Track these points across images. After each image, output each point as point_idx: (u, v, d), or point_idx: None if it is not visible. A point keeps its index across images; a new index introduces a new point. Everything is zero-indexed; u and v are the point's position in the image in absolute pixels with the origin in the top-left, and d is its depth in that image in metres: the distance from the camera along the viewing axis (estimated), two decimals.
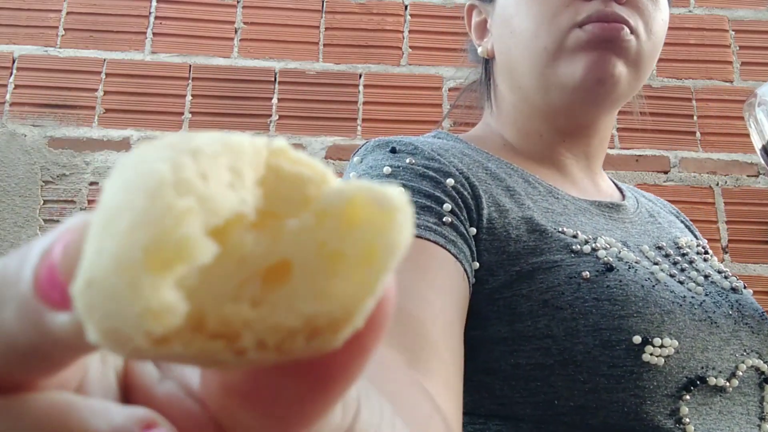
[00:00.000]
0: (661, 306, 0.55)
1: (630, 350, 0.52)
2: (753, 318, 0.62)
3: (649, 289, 0.55)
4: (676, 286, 0.59)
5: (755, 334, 0.61)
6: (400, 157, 0.58)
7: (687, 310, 0.56)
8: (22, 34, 1.66)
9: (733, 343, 0.58)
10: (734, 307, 0.61)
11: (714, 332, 0.57)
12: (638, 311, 0.53)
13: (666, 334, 0.53)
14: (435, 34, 1.73)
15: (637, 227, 0.68)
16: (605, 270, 0.55)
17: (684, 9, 1.78)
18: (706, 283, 0.63)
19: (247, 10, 1.72)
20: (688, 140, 1.68)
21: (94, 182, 1.57)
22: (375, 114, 1.65)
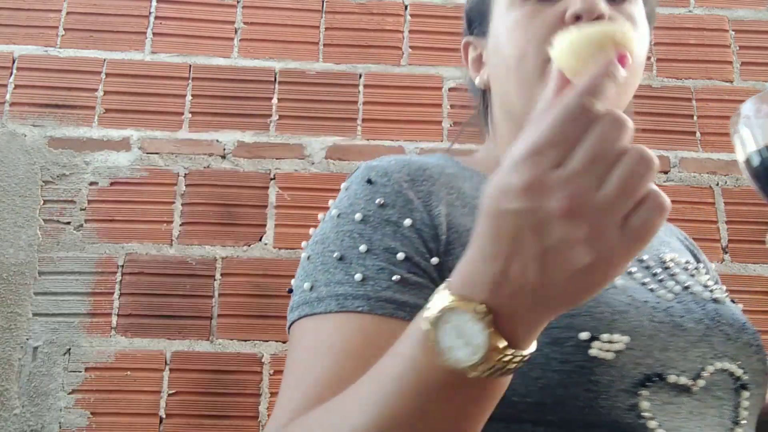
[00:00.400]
0: (613, 306, 0.58)
1: (578, 346, 0.55)
2: (731, 326, 0.65)
3: (602, 292, 0.58)
4: (639, 292, 0.62)
5: (731, 340, 0.63)
6: (372, 197, 0.64)
7: (645, 312, 0.60)
8: (22, 34, 1.66)
9: (701, 346, 0.61)
10: (709, 315, 0.64)
11: (678, 334, 0.60)
12: (587, 311, 0.56)
13: (615, 331, 0.56)
14: (435, 34, 1.73)
15: None
16: None
17: (684, 9, 1.78)
18: (683, 292, 0.66)
19: (247, 10, 1.72)
20: (688, 140, 1.68)
21: (94, 182, 1.57)
22: (375, 114, 1.65)
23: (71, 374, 1.44)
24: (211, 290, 1.51)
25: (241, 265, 1.53)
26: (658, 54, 1.74)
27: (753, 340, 0.66)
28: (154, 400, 1.43)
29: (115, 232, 1.53)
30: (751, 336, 0.66)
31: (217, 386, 1.44)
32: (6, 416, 1.41)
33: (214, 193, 1.58)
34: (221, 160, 1.60)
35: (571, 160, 0.38)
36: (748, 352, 0.64)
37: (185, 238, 1.54)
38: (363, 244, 0.60)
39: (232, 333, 1.47)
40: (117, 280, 1.50)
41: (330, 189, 1.59)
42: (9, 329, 1.46)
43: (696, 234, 1.60)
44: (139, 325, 1.48)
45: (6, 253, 1.50)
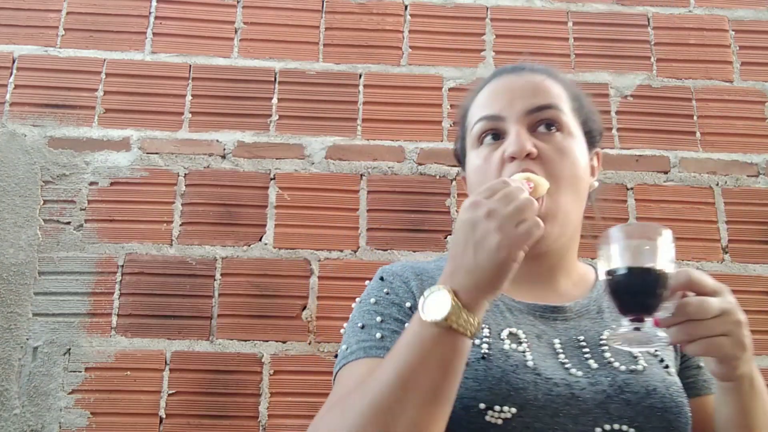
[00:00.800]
0: (512, 384, 0.78)
1: (479, 413, 0.77)
2: (635, 394, 0.80)
3: (509, 372, 0.79)
4: (550, 370, 0.81)
5: (630, 405, 0.80)
6: (382, 288, 0.91)
7: (544, 387, 0.79)
8: (22, 34, 1.66)
9: (595, 412, 0.79)
10: (615, 385, 0.81)
11: (572, 403, 0.79)
12: (489, 387, 0.78)
13: (506, 404, 0.77)
14: (435, 34, 1.73)
15: (570, 323, 0.89)
16: (480, 358, 0.81)
17: (684, 9, 1.78)
18: (598, 368, 0.83)
19: (247, 10, 1.72)
20: (688, 140, 1.68)
21: (94, 182, 1.57)
22: (375, 114, 1.65)
23: (71, 374, 1.44)
24: (211, 290, 1.51)
25: (241, 265, 1.53)
26: (658, 54, 1.74)
27: (659, 402, 0.80)
28: (154, 400, 1.43)
29: (115, 232, 1.53)
30: (657, 399, 0.80)
31: (217, 386, 1.44)
32: (6, 416, 1.41)
33: (214, 193, 1.58)
34: (221, 160, 1.60)
35: (493, 197, 0.73)
36: (648, 413, 0.79)
37: (185, 238, 1.54)
38: (378, 316, 0.87)
39: (232, 333, 1.47)
40: (117, 280, 1.50)
41: (330, 189, 1.59)
42: (9, 329, 1.46)
43: (696, 234, 1.61)
44: (139, 325, 1.48)
45: (6, 253, 1.50)
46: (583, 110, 1.00)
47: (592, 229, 1.00)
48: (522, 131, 0.90)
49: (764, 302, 1.56)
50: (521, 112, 0.91)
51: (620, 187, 1.63)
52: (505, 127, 0.92)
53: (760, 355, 1.52)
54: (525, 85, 0.94)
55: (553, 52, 1.73)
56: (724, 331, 0.72)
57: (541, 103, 0.92)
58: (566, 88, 0.98)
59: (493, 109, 0.93)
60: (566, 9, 1.77)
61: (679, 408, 0.81)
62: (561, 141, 0.91)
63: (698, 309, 0.71)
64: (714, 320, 0.72)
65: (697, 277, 0.74)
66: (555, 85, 0.96)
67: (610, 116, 1.69)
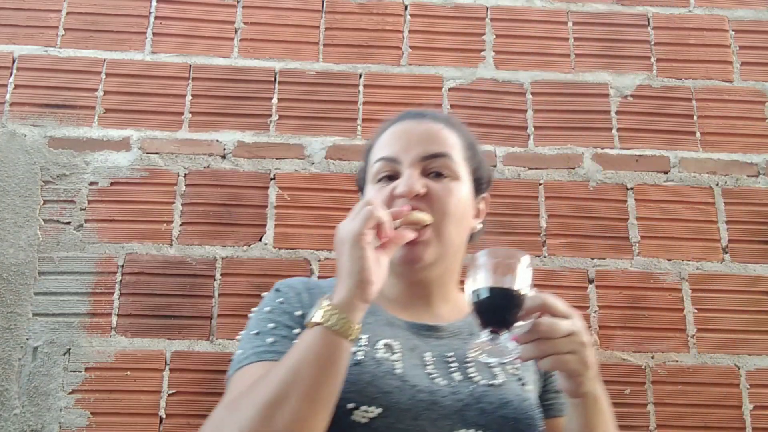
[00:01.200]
0: (380, 387, 0.88)
1: (347, 411, 0.86)
2: (491, 404, 0.92)
3: (378, 377, 0.89)
4: (416, 379, 0.91)
5: (485, 414, 0.90)
6: (277, 297, 1.01)
7: (409, 392, 0.89)
8: (22, 34, 1.66)
9: (453, 417, 0.89)
10: (473, 395, 0.92)
11: (432, 408, 0.89)
12: (358, 389, 0.87)
13: (373, 403, 0.87)
14: (435, 34, 1.73)
15: (443, 341, 1.00)
16: (354, 364, 0.89)
17: (684, 9, 1.78)
18: (461, 381, 0.94)
19: (247, 10, 1.72)
20: (688, 140, 1.68)
21: (94, 182, 1.57)
22: (375, 114, 1.65)
23: (71, 374, 1.44)
24: (211, 290, 1.51)
25: (241, 265, 1.53)
26: (658, 54, 1.74)
27: (512, 413, 0.92)
28: (154, 400, 1.43)
29: (115, 232, 1.53)
30: (510, 411, 0.92)
31: (217, 386, 1.44)
32: (6, 416, 1.41)
33: (214, 193, 1.58)
34: (221, 160, 1.60)
35: (357, 214, 0.86)
36: (501, 423, 0.90)
37: (185, 238, 1.54)
38: (271, 323, 0.95)
39: (232, 333, 1.47)
40: (117, 280, 1.50)
41: (330, 189, 1.59)
42: (9, 329, 1.46)
43: (696, 234, 1.61)
44: (139, 325, 1.48)
45: (6, 253, 1.50)
46: (475, 159, 1.10)
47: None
48: (414, 173, 1.00)
49: (764, 302, 1.56)
50: (416, 158, 1.02)
51: (620, 187, 1.63)
52: (400, 170, 1.02)
53: (760, 355, 1.52)
54: (423, 132, 1.05)
55: (553, 52, 1.73)
56: (570, 349, 0.82)
57: (435, 151, 1.03)
58: (462, 138, 1.09)
59: (391, 151, 1.04)
60: (566, 9, 1.77)
61: (530, 420, 0.93)
62: (448, 185, 1.02)
63: (549, 329, 0.81)
64: (562, 340, 0.81)
65: (550, 302, 0.83)
66: (451, 135, 1.07)
67: (610, 116, 1.69)
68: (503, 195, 1.61)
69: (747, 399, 1.49)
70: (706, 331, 1.53)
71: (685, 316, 1.54)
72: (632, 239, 1.59)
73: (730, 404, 1.49)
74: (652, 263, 1.58)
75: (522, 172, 1.63)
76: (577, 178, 1.64)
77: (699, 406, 1.48)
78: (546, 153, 1.65)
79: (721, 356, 1.52)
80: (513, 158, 1.64)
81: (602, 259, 1.58)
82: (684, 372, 1.50)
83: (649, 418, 1.47)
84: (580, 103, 1.69)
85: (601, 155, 1.65)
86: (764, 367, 1.51)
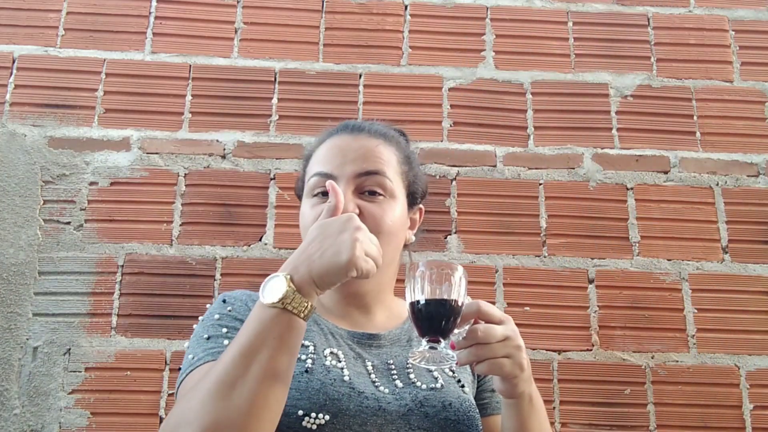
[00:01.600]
0: (329, 395, 0.90)
1: (297, 418, 0.88)
2: (433, 407, 0.95)
3: (327, 385, 0.91)
4: (363, 386, 0.94)
5: (428, 417, 0.94)
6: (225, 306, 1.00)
7: (356, 399, 0.91)
8: (22, 34, 1.66)
9: (398, 422, 0.92)
10: (416, 400, 0.95)
11: (378, 414, 0.92)
12: (308, 396, 0.90)
13: (322, 411, 0.89)
14: (435, 34, 1.73)
15: (383, 349, 1.03)
16: (303, 372, 0.92)
17: (684, 9, 1.78)
18: (403, 387, 0.97)
19: (247, 10, 1.72)
20: (688, 140, 1.68)
21: (94, 182, 1.57)
22: (375, 114, 1.65)
23: (71, 374, 1.44)
24: (211, 290, 1.51)
25: (241, 265, 1.53)
26: (658, 54, 1.74)
27: (453, 415, 0.95)
28: (154, 400, 1.43)
29: (115, 232, 1.53)
30: (452, 413, 0.95)
31: None
32: (6, 416, 1.41)
33: (214, 193, 1.58)
34: (221, 160, 1.60)
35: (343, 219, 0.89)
36: (444, 425, 0.94)
37: (185, 238, 1.54)
38: (224, 328, 0.96)
39: None
40: (117, 280, 1.50)
41: None
42: (9, 329, 1.46)
43: (696, 234, 1.61)
44: (139, 325, 1.48)
45: (6, 253, 1.50)
46: (410, 173, 1.12)
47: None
48: (348, 193, 1.03)
49: (764, 302, 1.56)
50: (351, 175, 1.04)
51: (620, 187, 1.63)
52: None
53: (760, 355, 1.52)
54: (359, 149, 1.07)
55: (553, 52, 1.73)
56: (505, 353, 0.85)
57: (370, 168, 1.05)
58: (398, 153, 1.11)
59: (327, 167, 1.06)
60: (566, 9, 1.77)
61: (470, 420, 0.97)
62: (381, 203, 1.04)
63: (485, 334, 0.85)
64: (497, 344, 0.85)
65: (485, 308, 0.87)
66: (387, 150, 1.09)
67: (610, 116, 1.69)
68: (503, 195, 1.61)
69: (747, 399, 1.49)
70: (706, 331, 1.53)
71: (685, 316, 1.54)
72: (632, 239, 1.59)
73: (730, 404, 1.49)
74: (652, 263, 1.58)
75: (522, 172, 1.63)
76: (577, 178, 1.64)
77: (699, 406, 1.48)
78: (546, 153, 1.65)
79: (721, 356, 1.52)
80: (513, 158, 1.64)
81: (602, 259, 1.58)
82: (684, 372, 1.50)
83: (649, 418, 1.47)
84: (580, 103, 1.69)
85: (601, 155, 1.65)
86: (764, 367, 1.51)
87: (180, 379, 0.93)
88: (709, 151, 1.67)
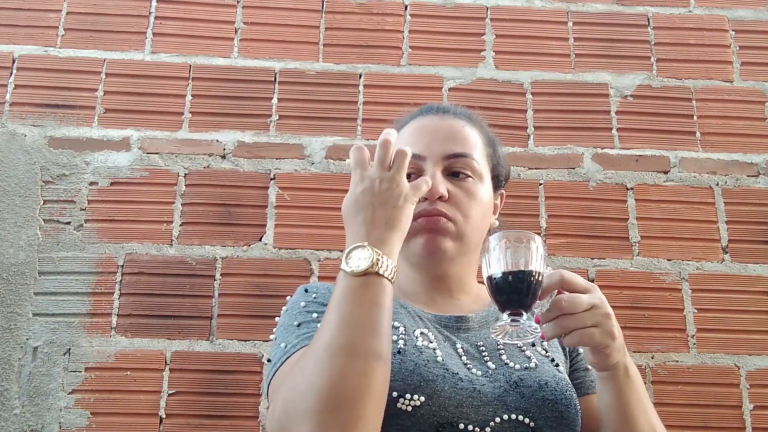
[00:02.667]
0: (423, 376, 0.88)
1: (392, 400, 0.84)
2: (529, 388, 0.92)
3: (421, 366, 0.89)
4: (456, 367, 0.92)
5: (524, 398, 0.90)
6: (309, 295, 1.00)
7: (451, 381, 0.89)
8: (22, 34, 1.66)
9: (494, 404, 0.89)
10: (510, 382, 0.92)
11: (474, 396, 0.89)
12: (402, 378, 0.87)
13: (417, 392, 0.86)
14: (435, 34, 1.73)
15: (471, 332, 1.01)
16: (396, 353, 0.89)
17: (684, 9, 1.78)
18: (496, 369, 0.94)
19: (247, 10, 1.72)
20: (688, 140, 1.68)
21: (94, 182, 1.57)
22: (375, 114, 1.65)
23: (71, 374, 1.44)
24: (211, 290, 1.51)
25: (241, 265, 1.53)
26: (658, 54, 1.74)
27: (550, 395, 0.91)
28: (154, 400, 1.43)
29: (115, 232, 1.53)
30: (549, 392, 0.92)
31: (217, 386, 1.44)
32: (6, 416, 1.41)
33: (214, 193, 1.58)
34: (221, 160, 1.60)
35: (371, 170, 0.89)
36: (541, 405, 0.90)
37: (185, 238, 1.54)
38: (314, 313, 0.95)
39: (232, 333, 1.47)
40: (117, 280, 1.50)
41: (330, 189, 1.59)
42: (9, 329, 1.46)
43: (696, 234, 1.61)
44: (139, 325, 1.48)
45: (6, 253, 1.50)
46: (495, 156, 1.12)
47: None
48: (437, 174, 1.02)
49: (764, 302, 1.56)
50: (439, 156, 1.03)
51: (620, 187, 1.63)
52: (423, 167, 1.04)
53: (760, 355, 1.52)
54: (446, 129, 1.07)
55: (553, 52, 1.73)
56: (594, 322, 0.82)
57: (458, 151, 1.05)
58: (483, 135, 1.11)
59: (416, 148, 1.04)
60: (566, 9, 1.77)
61: (568, 400, 0.93)
62: (470, 186, 1.03)
63: (570, 304, 0.82)
64: (584, 314, 0.82)
65: (568, 277, 0.84)
66: (473, 132, 1.09)
67: (610, 116, 1.69)
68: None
69: (747, 399, 1.49)
70: (706, 331, 1.53)
71: (685, 316, 1.54)
72: (632, 239, 1.59)
73: (730, 404, 1.49)
74: (652, 263, 1.58)
75: (522, 172, 1.63)
76: (577, 178, 1.64)
77: (699, 406, 1.48)
78: (546, 153, 1.65)
79: (721, 356, 1.52)
80: (513, 158, 1.64)
81: (602, 259, 1.58)
82: (684, 372, 1.50)
83: None
84: (580, 103, 1.69)
85: (601, 155, 1.65)
86: (764, 367, 1.51)
87: (273, 370, 0.90)
88: (709, 151, 1.67)
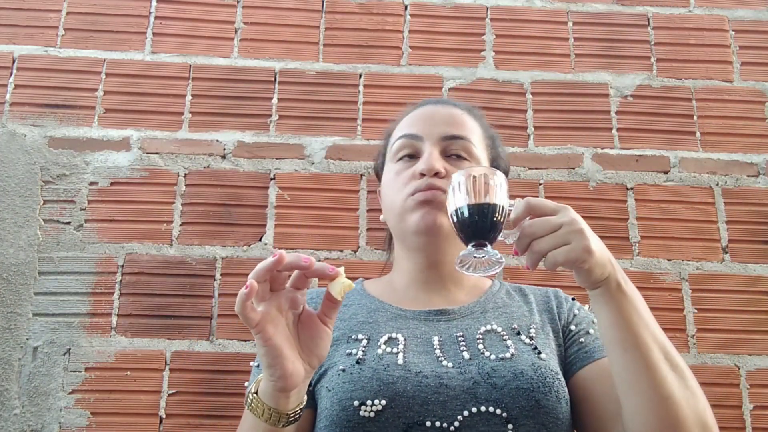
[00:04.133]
0: (383, 380, 0.89)
1: (354, 410, 0.87)
2: (502, 378, 0.90)
3: (380, 371, 0.90)
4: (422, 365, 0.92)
5: (497, 389, 0.89)
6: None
7: (414, 380, 0.89)
8: (22, 34, 1.66)
9: (462, 398, 0.88)
10: (483, 373, 0.91)
11: (440, 392, 0.89)
12: (362, 385, 0.89)
13: (377, 397, 0.87)
14: (435, 34, 1.73)
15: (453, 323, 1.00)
16: (354, 364, 0.92)
17: (684, 9, 1.78)
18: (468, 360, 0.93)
19: (247, 10, 1.72)
20: (688, 140, 1.68)
21: (94, 182, 1.57)
22: (375, 114, 1.65)
23: (71, 374, 1.44)
24: (211, 290, 1.51)
25: (241, 265, 1.53)
26: (658, 54, 1.74)
27: (526, 384, 0.89)
28: (154, 400, 1.43)
29: (115, 232, 1.53)
30: (524, 381, 0.90)
31: (217, 386, 1.44)
32: (6, 416, 1.41)
33: (214, 193, 1.58)
34: (221, 160, 1.60)
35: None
36: (515, 395, 0.88)
37: (185, 238, 1.54)
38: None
39: (232, 333, 1.47)
40: (117, 280, 1.50)
41: (330, 189, 1.59)
42: (9, 329, 1.46)
43: (696, 234, 1.61)
44: (139, 325, 1.48)
45: (6, 253, 1.50)
46: (494, 149, 1.12)
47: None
48: (435, 152, 1.02)
49: (764, 302, 1.56)
50: (437, 137, 1.04)
51: (620, 187, 1.63)
52: (421, 147, 1.05)
53: (760, 355, 1.52)
54: (445, 114, 1.08)
55: (553, 52, 1.73)
56: (565, 240, 0.79)
57: (456, 133, 1.05)
58: (482, 127, 1.11)
59: (413, 130, 1.06)
60: (566, 9, 1.77)
61: (547, 388, 0.90)
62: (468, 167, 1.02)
63: (537, 227, 0.80)
64: (554, 234, 0.79)
65: (535, 202, 0.81)
66: (472, 121, 1.09)
67: (610, 116, 1.69)
68: None
69: (747, 399, 1.49)
70: (706, 331, 1.53)
71: (685, 316, 1.54)
72: (632, 239, 1.59)
73: (730, 404, 1.49)
74: (652, 263, 1.58)
75: (522, 172, 1.63)
76: (577, 178, 1.64)
77: None
78: (546, 153, 1.65)
79: (721, 356, 1.52)
80: (513, 158, 1.64)
81: None
82: None
83: None
84: (580, 103, 1.69)
85: (601, 155, 1.65)
86: (764, 367, 1.51)
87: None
88: (709, 151, 1.67)
